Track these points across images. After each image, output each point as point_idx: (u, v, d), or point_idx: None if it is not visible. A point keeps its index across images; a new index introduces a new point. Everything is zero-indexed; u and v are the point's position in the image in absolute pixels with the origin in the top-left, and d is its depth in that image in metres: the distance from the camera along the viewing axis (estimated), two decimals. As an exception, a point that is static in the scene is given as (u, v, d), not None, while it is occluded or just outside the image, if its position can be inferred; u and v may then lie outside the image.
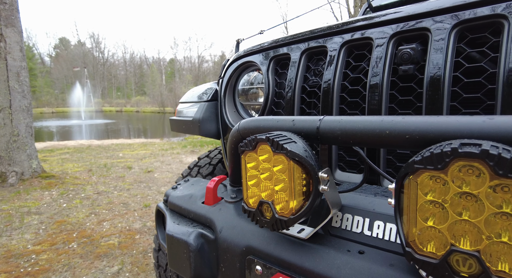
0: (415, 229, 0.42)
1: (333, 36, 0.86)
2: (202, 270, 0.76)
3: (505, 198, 0.35)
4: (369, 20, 0.79)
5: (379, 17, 0.77)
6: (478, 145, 0.37)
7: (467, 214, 0.38)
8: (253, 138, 0.59)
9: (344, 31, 0.83)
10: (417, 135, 0.47)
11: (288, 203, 0.57)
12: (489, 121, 0.42)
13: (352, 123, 0.55)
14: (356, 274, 0.52)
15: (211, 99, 1.26)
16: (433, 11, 0.69)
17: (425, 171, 0.40)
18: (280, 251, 0.62)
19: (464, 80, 0.65)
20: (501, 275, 0.36)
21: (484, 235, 0.37)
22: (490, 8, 0.62)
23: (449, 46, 0.66)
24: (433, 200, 0.40)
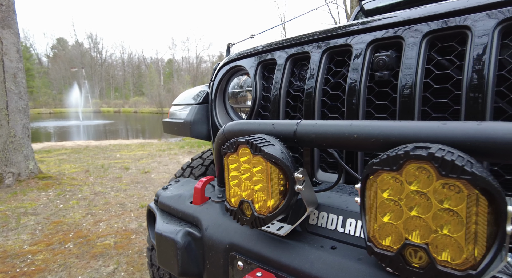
0: (375, 225, 0.46)
1: (316, 43, 0.90)
2: (189, 267, 0.79)
3: (447, 195, 0.39)
4: (349, 28, 0.83)
5: (358, 25, 0.81)
6: (427, 148, 0.41)
7: (418, 211, 0.42)
8: (234, 141, 0.63)
9: (326, 38, 0.87)
10: (381, 139, 0.51)
11: (266, 202, 0.61)
12: (443, 126, 0.46)
13: (324, 127, 0.59)
14: (327, 268, 0.55)
15: (202, 101, 1.30)
16: (407, 21, 0.73)
17: (383, 172, 0.44)
18: (260, 247, 0.66)
19: (434, 86, 0.69)
20: (445, 264, 0.40)
21: (431, 229, 0.41)
22: (456, 20, 0.66)
23: (421, 53, 0.70)
24: (390, 198, 0.44)
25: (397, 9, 2.57)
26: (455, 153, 0.40)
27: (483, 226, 0.38)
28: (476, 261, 0.38)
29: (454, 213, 0.39)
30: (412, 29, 0.72)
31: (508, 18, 0.60)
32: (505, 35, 0.62)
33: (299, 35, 0.95)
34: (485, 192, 0.38)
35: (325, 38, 0.87)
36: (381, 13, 2.74)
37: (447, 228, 0.40)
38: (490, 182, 0.37)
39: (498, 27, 0.61)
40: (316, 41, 0.90)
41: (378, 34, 0.77)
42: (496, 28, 0.61)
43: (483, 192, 0.38)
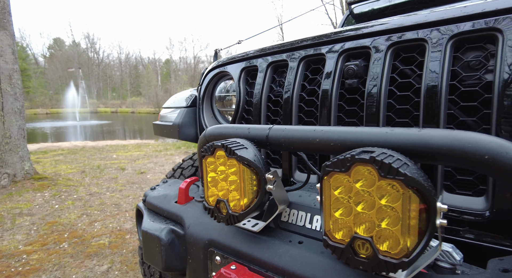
0: (330, 220, 0.51)
1: (293, 52, 0.95)
2: (172, 262, 0.84)
3: (387, 193, 0.45)
4: (323, 38, 0.88)
5: (331, 36, 0.87)
6: (371, 152, 0.47)
7: (364, 207, 0.48)
8: (211, 145, 0.68)
9: (302, 47, 0.93)
10: (339, 143, 0.56)
11: (239, 201, 0.66)
12: (390, 132, 0.52)
13: (292, 132, 0.64)
14: (293, 261, 0.61)
15: (190, 105, 1.35)
16: (374, 32, 0.78)
17: (335, 173, 0.49)
18: (236, 243, 0.71)
19: (397, 94, 0.75)
20: (385, 254, 0.45)
21: (375, 224, 0.47)
22: (415, 32, 0.72)
23: (386, 63, 0.76)
24: (341, 196, 0.50)
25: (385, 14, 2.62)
26: (395, 156, 0.46)
27: (415, 220, 0.44)
28: (409, 250, 0.44)
29: (393, 209, 0.45)
30: (378, 40, 0.78)
31: (459, 33, 0.66)
32: (457, 48, 0.68)
33: (279, 43, 1.01)
34: (417, 191, 0.43)
35: (302, 47, 0.93)
36: (369, 17, 2.82)
37: (387, 222, 0.45)
38: (421, 183, 0.43)
39: (451, 41, 0.67)
40: (294, 50, 0.95)
41: (348, 44, 0.83)
42: (448, 41, 0.67)
43: (415, 191, 0.43)
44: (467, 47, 0.68)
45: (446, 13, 0.68)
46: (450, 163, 0.47)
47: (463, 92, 0.66)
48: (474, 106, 0.65)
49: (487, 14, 0.63)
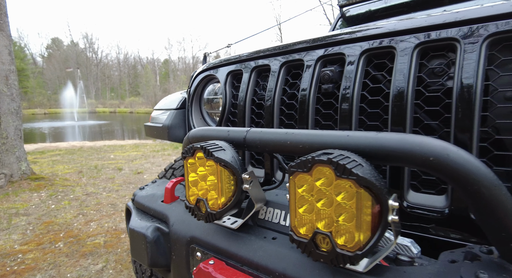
0: (295, 217, 0.55)
1: (276, 57, 1.00)
2: (157, 259, 0.88)
3: (343, 192, 0.49)
4: (302, 45, 0.92)
5: (309, 43, 0.91)
6: (330, 154, 0.51)
7: (324, 204, 0.52)
8: (191, 146, 0.72)
9: (284, 53, 0.97)
10: (307, 145, 0.61)
11: (217, 200, 0.70)
12: (351, 135, 0.56)
13: (267, 135, 0.68)
14: (266, 255, 0.65)
15: (180, 107, 1.39)
16: (348, 40, 0.83)
17: (299, 173, 0.53)
18: (215, 239, 0.75)
19: (369, 98, 0.79)
20: (342, 248, 0.49)
21: (334, 219, 0.51)
22: (385, 40, 0.76)
23: (359, 69, 0.80)
24: (304, 194, 0.54)
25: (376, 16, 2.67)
26: (351, 158, 0.50)
27: (368, 216, 0.48)
28: (363, 244, 0.48)
29: (348, 206, 0.49)
30: (352, 47, 0.82)
31: (424, 42, 0.70)
32: (423, 56, 0.72)
33: (262, 49, 1.05)
34: (369, 189, 0.47)
35: (283, 53, 0.97)
36: (361, 19, 2.85)
37: (344, 218, 0.50)
38: (373, 182, 0.47)
39: (417, 49, 0.71)
40: (276, 55, 0.99)
41: (325, 51, 0.87)
42: (415, 49, 0.71)
43: (367, 190, 0.47)
44: (431, 55, 0.72)
45: (412, 22, 0.72)
46: (401, 164, 0.51)
47: (427, 97, 0.71)
48: (437, 110, 0.69)
49: (448, 25, 0.67)
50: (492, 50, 0.63)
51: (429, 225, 0.69)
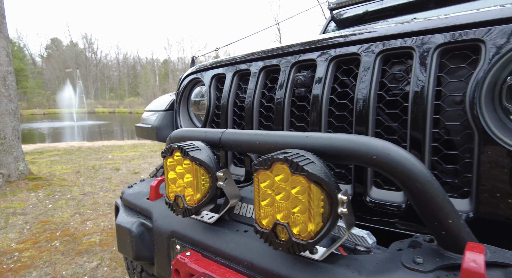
0: (259, 210, 0.61)
1: (255, 62, 1.05)
2: (142, 252, 0.94)
3: (297, 186, 0.55)
4: (278, 51, 0.98)
5: (285, 49, 0.96)
6: (287, 153, 0.56)
7: (282, 198, 0.57)
8: (169, 147, 0.78)
9: (262, 58, 1.03)
10: (273, 145, 0.66)
11: (193, 196, 0.75)
12: (309, 136, 0.61)
13: (239, 136, 0.74)
14: (237, 247, 0.71)
15: (168, 108, 1.44)
16: (319, 47, 0.88)
17: (261, 170, 0.59)
18: (193, 233, 0.81)
19: (337, 101, 0.85)
20: (297, 237, 0.55)
21: (290, 211, 0.56)
22: (352, 48, 0.82)
23: (328, 73, 0.86)
24: (266, 189, 0.59)
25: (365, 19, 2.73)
26: (306, 156, 0.56)
27: (319, 209, 0.54)
28: (314, 234, 0.54)
29: (302, 199, 0.55)
30: (323, 54, 0.87)
31: (385, 49, 0.76)
32: (385, 62, 0.78)
33: (243, 54, 1.10)
34: (318, 184, 0.53)
35: (262, 58, 1.03)
36: (350, 22, 2.91)
37: (298, 210, 0.55)
38: (322, 178, 0.52)
39: (379, 56, 0.77)
40: (256, 60, 1.05)
41: (298, 57, 0.92)
42: (377, 56, 0.77)
43: (317, 185, 0.53)
44: (392, 61, 0.78)
45: (375, 32, 0.78)
46: (350, 162, 0.56)
47: (388, 101, 0.76)
48: (396, 113, 0.75)
49: (405, 35, 0.73)
50: (443, 59, 0.69)
51: (389, 219, 0.75)
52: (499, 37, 0.60)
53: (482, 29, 0.62)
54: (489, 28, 0.62)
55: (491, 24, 0.61)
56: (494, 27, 0.61)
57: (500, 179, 0.60)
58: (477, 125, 0.62)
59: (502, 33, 0.60)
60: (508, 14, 0.60)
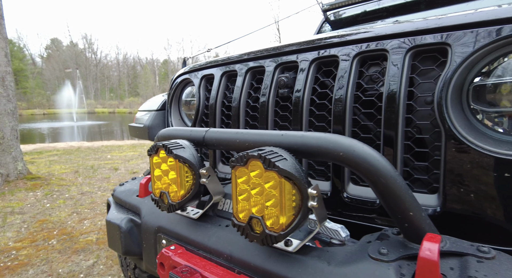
0: (236, 204, 0.64)
1: (242, 63, 1.08)
2: (131, 247, 0.97)
3: (270, 181, 0.58)
4: (263, 52, 1.01)
5: (270, 51, 0.99)
6: (262, 150, 0.60)
7: (257, 192, 0.60)
8: (154, 145, 0.81)
9: (249, 60, 1.06)
10: (252, 143, 0.69)
11: (177, 193, 0.79)
12: (284, 135, 0.64)
13: (221, 134, 0.77)
14: (218, 240, 0.74)
15: (160, 108, 1.47)
16: (300, 49, 0.92)
17: (238, 166, 0.62)
18: (178, 228, 0.84)
19: (317, 102, 0.88)
20: (270, 229, 0.58)
21: (264, 205, 0.59)
22: (331, 50, 0.85)
23: (309, 75, 0.89)
24: (243, 184, 0.62)
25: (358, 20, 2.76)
26: (279, 153, 0.59)
27: (290, 202, 0.57)
28: (285, 226, 0.57)
29: (274, 193, 0.58)
30: (304, 56, 0.91)
31: (362, 52, 0.79)
32: (362, 64, 0.81)
33: (231, 55, 1.14)
34: (289, 179, 0.56)
35: (248, 59, 1.06)
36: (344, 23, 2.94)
37: (271, 204, 0.58)
38: (292, 173, 0.56)
39: (356, 58, 0.80)
40: (242, 61, 1.08)
41: (282, 59, 0.96)
42: (354, 58, 0.80)
43: (287, 180, 0.56)
44: (369, 63, 0.81)
45: (353, 35, 0.81)
46: (320, 158, 0.60)
47: (364, 101, 0.80)
48: (371, 113, 0.78)
49: (381, 38, 0.76)
50: (415, 61, 0.72)
51: (366, 214, 0.78)
52: (463, 40, 0.64)
53: (448, 33, 0.66)
54: (454, 32, 0.65)
55: (456, 29, 0.65)
56: (459, 32, 0.64)
57: (464, 176, 0.63)
58: (444, 124, 0.65)
59: (466, 37, 0.64)
60: (471, 20, 0.63)
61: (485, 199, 0.62)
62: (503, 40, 0.61)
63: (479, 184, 0.62)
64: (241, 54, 1.09)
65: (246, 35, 2.74)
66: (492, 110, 0.66)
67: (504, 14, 0.60)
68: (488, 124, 0.68)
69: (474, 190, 0.62)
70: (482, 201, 0.62)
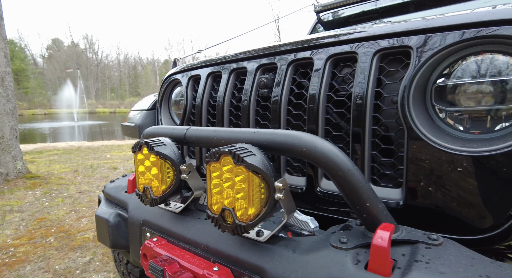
0: (211, 197, 0.68)
1: (226, 64, 1.13)
2: (118, 240, 1.02)
3: (240, 175, 0.62)
4: (246, 54, 1.05)
5: (252, 53, 1.04)
6: (233, 146, 0.64)
7: (229, 186, 0.65)
8: (138, 142, 0.85)
9: (232, 61, 1.10)
10: (227, 140, 0.74)
11: (159, 188, 0.83)
12: (256, 132, 0.69)
13: (200, 132, 0.82)
14: (197, 232, 0.78)
15: (151, 108, 1.52)
16: (279, 52, 0.96)
17: (211, 162, 0.67)
18: (161, 221, 0.88)
19: (294, 101, 0.92)
20: (240, 220, 0.62)
21: (235, 198, 0.64)
22: (306, 53, 0.89)
23: (287, 76, 0.93)
24: (216, 178, 0.67)
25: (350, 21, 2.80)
26: (248, 149, 0.63)
27: (259, 195, 0.61)
28: (253, 217, 0.61)
29: (243, 186, 0.62)
30: (282, 58, 0.95)
31: (335, 54, 0.83)
32: (335, 66, 0.85)
33: (216, 57, 1.18)
34: (257, 173, 0.60)
35: (232, 61, 1.10)
36: (336, 24, 2.99)
37: (241, 196, 0.63)
38: (259, 167, 0.60)
39: (329, 60, 0.85)
40: (226, 63, 1.12)
41: (262, 61, 1.00)
42: (327, 60, 0.84)
43: (255, 174, 0.60)
44: (341, 65, 0.85)
45: (325, 39, 0.85)
46: (287, 154, 0.64)
47: (336, 101, 0.84)
48: (342, 112, 0.82)
49: (351, 40, 0.80)
50: (382, 62, 0.76)
51: (339, 208, 0.82)
52: (424, 44, 0.68)
53: (411, 37, 0.70)
54: (416, 36, 0.69)
55: (417, 33, 0.69)
56: (421, 36, 0.69)
57: (423, 171, 0.67)
58: (406, 122, 0.69)
59: (427, 41, 0.68)
60: (430, 25, 0.67)
61: (442, 192, 0.66)
62: (460, 44, 0.65)
63: (436, 179, 0.66)
64: (225, 56, 1.14)
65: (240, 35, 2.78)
66: (453, 109, 0.70)
67: (461, 20, 0.65)
68: (451, 123, 0.72)
69: (432, 184, 0.67)
70: (439, 194, 0.66)
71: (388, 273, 0.51)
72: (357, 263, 0.55)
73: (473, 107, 0.67)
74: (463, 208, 0.64)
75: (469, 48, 0.66)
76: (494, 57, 0.65)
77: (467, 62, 0.68)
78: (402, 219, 0.71)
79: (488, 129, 0.67)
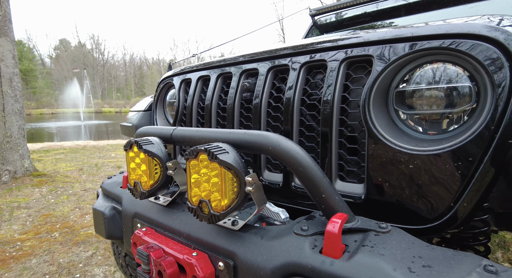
0: (190, 190, 0.77)
1: (214, 69, 1.21)
2: (113, 232, 1.11)
3: (214, 170, 0.70)
4: (232, 60, 1.14)
5: (237, 59, 1.12)
6: (210, 145, 0.72)
7: (206, 180, 0.73)
8: (129, 141, 0.94)
9: (219, 66, 1.19)
10: (208, 139, 0.82)
11: (147, 182, 0.92)
12: (232, 133, 0.77)
13: (184, 132, 0.90)
14: (180, 222, 0.87)
15: (147, 109, 1.61)
16: (259, 58, 1.04)
17: (191, 159, 0.75)
18: (150, 213, 0.97)
19: (273, 104, 1.00)
20: (215, 210, 0.70)
21: (211, 191, 0.72)
22: (284, 60, 0.97)
23: (267, 81, 1.01)
24: (195, 173, 0.75)
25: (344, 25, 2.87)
26: (222, 147, 0.71)
27: (232, 188, 0.69)
28: (226, 207, 0.69)
29: (218, 181, 0.70)
30: (262, 64, 1.03)
31: (308, 62, 0.91)
32: (308, 72, 0.93)
33: (204, 62, 1.26)
34: (228, 169, 0.68)
35: (219, 66, 1.18)
36: (330, 27, 3.05)
37: (215, 189, 0.71)
38: (231, 164, 0.68)
39: (304, 67, 0.92)
40: (214, 67, 1.21)
41: (245, 66, 1.08)
42: (302, 67, 0.92)
43: (228, 169, 0.68)
44: (314, 71, 0.93)
45: (301, 47, 0.93)
46: (257, 152, 0.72)
47: (308, 104, 0.91)
48: (314, 114, 0.90)
49: (321, 50, 0.88)
50: (348, 69, 0.84)
51: (308, 201, 0.90)
52: (383, 53, 0.75)
53: (372, 47, 0.77)
54: (375, 46, 0.76)
55: (376, 44, 0.76)
56: (380, 46, 0.76)
57: (381, 168, 0.75)
58: (366, 124, 0.77)
59: (385, 51, 0.75)
60: (389, 36, 0.74)
61: (397, 187, 0.73)
62: (415, 53, 0.72)
63: (392, 175, 0.73)
64: (213, 61, 1.22)
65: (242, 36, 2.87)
66: (412, 112, 0.77)
67: (416, 32, 0.72)
68: (411, 125, 0.79)
69: (388, 180, 0.74)
70: (394, 189, 0.74)
71: (339, 256, 0.59)
72: (313, 247, 0.63)
73: (428, 110, 0.74)
74: (414, 201, 0.71)
75: (423, 57, 0.73)
76: (446, 66, 0.72)
77: (424, 70, 0.75)
78: (365, 211, 0.78)
79: (443, 131, 0.74)
